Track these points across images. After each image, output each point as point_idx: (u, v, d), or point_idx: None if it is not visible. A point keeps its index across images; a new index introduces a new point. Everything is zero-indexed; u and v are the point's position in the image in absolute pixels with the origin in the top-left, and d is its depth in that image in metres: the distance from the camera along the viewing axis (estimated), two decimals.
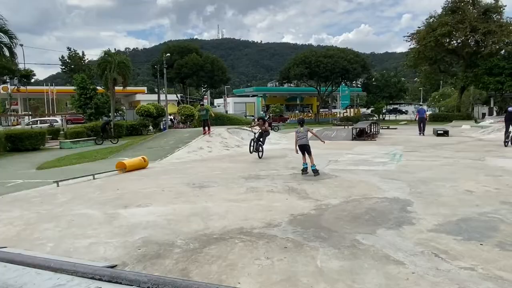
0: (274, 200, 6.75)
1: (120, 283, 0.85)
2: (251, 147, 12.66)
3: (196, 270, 3.85)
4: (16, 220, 5.94)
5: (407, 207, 5.98)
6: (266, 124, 13.51)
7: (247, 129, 19.95)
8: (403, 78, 56.15)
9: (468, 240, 4.44)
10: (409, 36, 40.85)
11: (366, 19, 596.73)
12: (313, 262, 3.92)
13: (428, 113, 41.00)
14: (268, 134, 13.69)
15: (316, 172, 9.13)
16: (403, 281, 3.42)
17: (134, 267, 3.93)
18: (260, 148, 12.69)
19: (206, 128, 16.93)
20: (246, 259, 4.07)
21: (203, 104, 19.75)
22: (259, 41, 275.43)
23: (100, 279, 0.88)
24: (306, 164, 9.41)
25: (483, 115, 41.31)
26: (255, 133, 13.00)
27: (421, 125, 22.32)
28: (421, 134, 21.83)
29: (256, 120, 14.53)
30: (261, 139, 12.76)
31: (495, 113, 39.10)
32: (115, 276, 0.88)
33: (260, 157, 12.59)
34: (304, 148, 9.37)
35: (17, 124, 38.65)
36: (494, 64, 35.14)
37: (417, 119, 23.70)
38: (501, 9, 36.05)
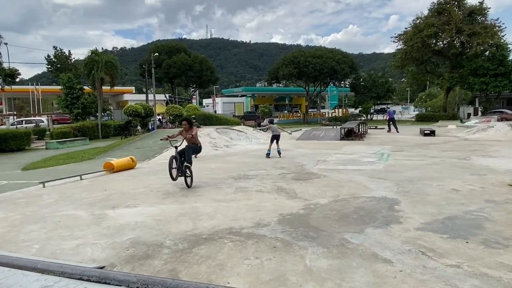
0: (263, 200, 6.75)
1: (109, 284, 0.85)
2: (172, 170, 8.00)
3: (185, 270, 3.83)
4: (1, 222, 5.83)
5: (395, 206, 6.04)
6: (195, 131, 8.41)
7: (236, 129, 19.94)
8: (390, 79, 56.72)
9: (454, 238, 4.51)
10: (396, 37, 41.36)
11: (354, 20, 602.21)
12: (302, 262, 3.93)
13: (414, 113, 42.52)
14: (198, 149, 8.74)
15: (280, 153, 12.80)
16: (391, 279, 3.46)
17: (123, 268, 3.89)
18: (188, 171, 8.02)
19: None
20: (235, 259, 4.07)
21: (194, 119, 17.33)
22: (248, 41, 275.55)
23: (88, 280, 0.87)
24: (270, 151, 12.86)
25: (469, 115, 42.06)
26: (175, 147, 8.33)
27: (391, 124, 25.09)
28: (397, 132, 24.24)
29: (183, 123, 8.49)
30: (184, 156, 8.06)
31: (480, 113, 39.79)
32: (104, 276, 0.87)
33: (189, 186, 8.00)
34: (278, 138, 13.09)
35: (2, 124, 37.94)
36: (479, 65, 35.78)
37: (387, 119, 26.68)
38: (486, 11, 36.74)
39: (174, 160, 8.02)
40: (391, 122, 25.11)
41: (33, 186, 8.88)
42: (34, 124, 31.54)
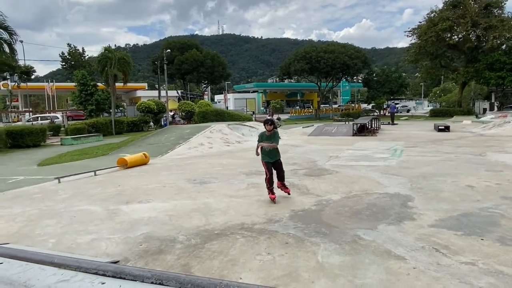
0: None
1: (124, 278, 0.86)
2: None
3: (198, 265, 3.86)
4: (18, 217, 5.96)
5: (408, 203, 5.98)
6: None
7: (247, 125, 19.95)
8: (404, 74, 56.03)
9: (469, 235, 4.44)
10: (410, 31, 40.69)
11: (367, 14, 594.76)
12: (314, 258, 3.93)
13: (428, 108, 42.80)
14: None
15: None
16: (404, 276, 3.43)
17: (136, 263, 3.94)
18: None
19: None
20: (247, 254, 4.09)
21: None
22: (259, 37, 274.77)
23: (103, 275, 0.88)
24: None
25: (484, 110, 41.23)
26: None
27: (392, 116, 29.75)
28: (392, 124, 28.16)
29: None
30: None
31: (496, 108, 39.01)
32: (119, 271, 0.88)
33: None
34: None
35: (18, 121, 38.66)
36: (495, 59, 35.02)
37: (388, 113, 32.97)
38: (502, 3, 35.85)
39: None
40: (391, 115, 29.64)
41: (48, 182, 9.04)
42: (49, 120, 32.04)
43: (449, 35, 37.42)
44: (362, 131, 20.19)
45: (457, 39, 37.91)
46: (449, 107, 43.26)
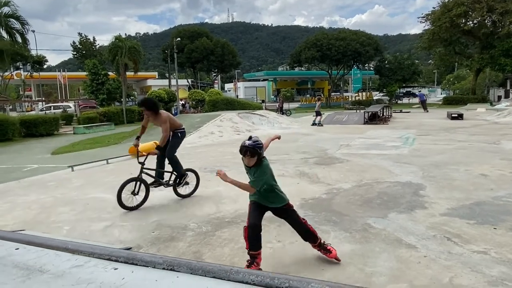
0: (285, 184, 6.74)
1: (136, 264, 0.87)
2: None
3: (209, 252, 3.91)
4: (33, 204, 6.08)
5: (420, 191, 5.94)
6: (164, 122, 5.99)
7: (258, 114, 19.90)
8: (416, 61, 55.06)
9: (482, 224, 4.40)
10: (424, 17, 39.88)
11: (380, 0, 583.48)
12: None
13: (442, 96, 42.43)
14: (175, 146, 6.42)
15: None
16: (415, 265, 3.42)
17: (148, 250, 4.01)
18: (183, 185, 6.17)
19: None
20: None
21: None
22: (270, 24, 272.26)
23: (116, 261, 0.90)
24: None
25: (499, 97, 40.43)
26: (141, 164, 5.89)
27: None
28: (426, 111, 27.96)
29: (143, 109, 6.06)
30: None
31: (511, 96, 38.21)
32: (131, 257, 0.89)
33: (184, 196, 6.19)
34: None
35: (31, 110, 39.23)
36: (511, 45, 34.17)
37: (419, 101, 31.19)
38: None
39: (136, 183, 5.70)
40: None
41: (62, 170, 9.19)
42: (61, 109, 32.44)
43: (463, 21, 36.57)
44: (373, 119, 20.00)
45: (472, 24, 37.02)
46: (462, 95, 42.52)
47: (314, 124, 18.85)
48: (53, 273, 0.86)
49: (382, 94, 49.92)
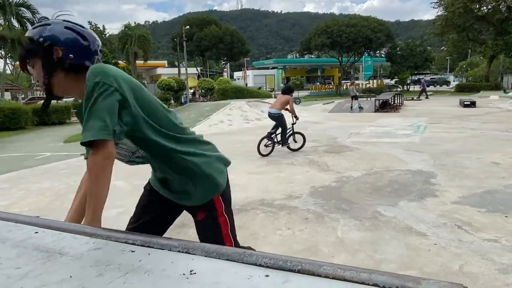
0: (294, 173, 6.78)
1: (152, 247, 0.90)
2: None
3: None
4: (47, 191, 6.20)
5: (431, 179, 5.91)
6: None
7: (267, 102, 19.85)
8: (429, 47, 54.11)
9: (493, 212, 4.38)
10: (437, 2, 39.02)
11: None
12: (334, 233, 3.96)
13: (454, 83, 41.98)
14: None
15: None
16: (425, 252, 3.43)
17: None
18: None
19: None
20: (267, 229, 4.16)
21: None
22: (279, 11, 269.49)
23: (133, 244, 0.92)
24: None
25: None
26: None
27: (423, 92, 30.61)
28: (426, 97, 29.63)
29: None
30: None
31: None
32: (148, 240, 0.92)
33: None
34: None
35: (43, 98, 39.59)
36: None
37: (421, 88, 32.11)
38: None
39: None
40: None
41: (75, 158, 9.32)
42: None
43: (477, 6, 35.71)
44: (384, 107, 19.81)
45: (486, 10, 36.16)
46: (475, 82, 41.77)
47: (351, 107, 19.97)
48: (72, 255, 0.89)
49: (394, 81, 49.19)
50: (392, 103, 20.73)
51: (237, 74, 68.73)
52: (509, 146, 8.45)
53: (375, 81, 46.31)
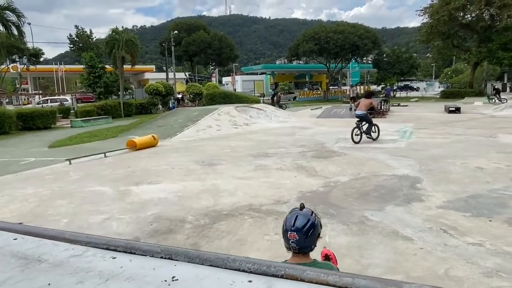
0: (282, 178, 6.79)
1: (134, 253, 0.88)
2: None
3: (207, 245, 3.93)
4: (31, 197, 6.08)
5: (417, 184, 5.97)
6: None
7: (255, 107, 19.89)
8: (415, 54, 54.97)
9: (477, 217, 4.44)
10: (422, 10, 39.72)
11: None
12: (322, 238, 3.96)
13: (439, 89, 42.69)
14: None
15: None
16: (411, 256, 3.46)
17: (147, 242, 4.03)
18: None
19: None
20: (255, 234, 4.15)
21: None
22: (267, 17, 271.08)
23: (114, 250, 0.91)
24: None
25: (497, 91, 40.44)
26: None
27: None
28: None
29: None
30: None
31: (508, 89, 38.28)
32: (129, 246, 0.90)
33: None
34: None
35: (28, 103, 39.00)
36: (509, 39, 34.12)
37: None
38: None
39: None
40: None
41: (60, 163, 9.18)
42: (58, 103, 32.27)
43: (462, 14, 36.49)
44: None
45: (470, 18, 36.97)
46: (460, 88, 42.54)
47: (350, 109, 20.26)
48: (51, 262, 0.87)
49: (380, 87, 49.80)
50: (379, 108, 20.94)
51: (225, 79, 68.64)
52: (493, 152, 8.61)
53: (361, 87, 46.76)
